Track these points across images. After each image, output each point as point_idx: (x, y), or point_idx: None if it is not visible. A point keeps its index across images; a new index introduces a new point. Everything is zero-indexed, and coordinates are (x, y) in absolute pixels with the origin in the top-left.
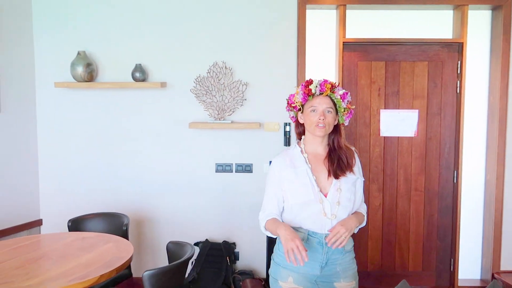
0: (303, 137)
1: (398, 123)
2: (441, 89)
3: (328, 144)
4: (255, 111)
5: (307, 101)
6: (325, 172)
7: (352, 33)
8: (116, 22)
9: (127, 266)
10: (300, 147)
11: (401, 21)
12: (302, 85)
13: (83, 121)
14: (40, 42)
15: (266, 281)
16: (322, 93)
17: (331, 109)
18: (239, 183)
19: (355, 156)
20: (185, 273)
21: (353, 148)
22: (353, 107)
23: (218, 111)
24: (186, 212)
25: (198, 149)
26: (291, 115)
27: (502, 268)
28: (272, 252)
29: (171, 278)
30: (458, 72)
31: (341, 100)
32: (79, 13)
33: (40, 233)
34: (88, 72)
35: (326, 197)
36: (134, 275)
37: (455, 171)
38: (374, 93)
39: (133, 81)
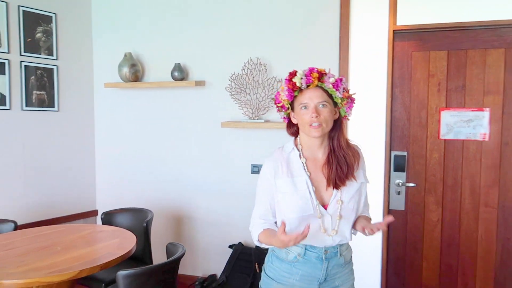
0: (298, 137)
1: (463, 124)
2: None
3: (329, 146)
4: None
5: (294, 97)
6: (324, 181)
7: (407, 20)
8: (159, 24)
9: (114, 264)
10: (298, 150)
11: (469, 0)
12: (285, 79)
13: (131, 119)
14: (97, 46)
15: None
16: (309, 85)
17: (325, 103)
18: None
19: (360, 155)
20: (170, 277)
21: (356, 144)
22: (354, 94)
23: (252, 110)
24: (221, 212)
25: (234, 149)
26: (282, 116)
27: None
28: None
29: (148, 281)
30: None
31: (335, 89)
32: (128, 17)
33: (96, 223)
34: (132, 72)
35: (326, 209)
36: None
37: None
38: (433, 89)
39: (172, 80)
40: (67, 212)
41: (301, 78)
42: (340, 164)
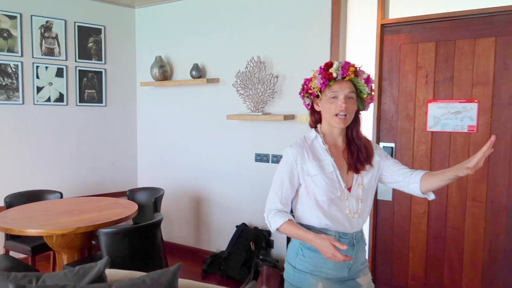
0: (319, 125)
1: (451, 116)
2: None
3: (347, 134)
4: (289, 104)
5: (326, 86)
6: (345, 166)
7: (396, 13)
8: (184, 31)
9: (107, 226)
10: (321, 137)
11: None
12: (320, 68)
13: (162, 113)
14: (139, 51)
15: None
16: (345, 77)
17: (353, 95)
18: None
19: (373, 148)
20: (148, 239)
21: (365, 136)
22: (373, 93)
23: (254, 104)
24: (231, 196)
25: (240, 140)
26: (307, 102)
27: None
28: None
29: (122, 239)
30: None
31: (365, 85)
32: (161, 27)
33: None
34: (161, 72)
35: (350, 191)
36: (171, 240)
37: None
38: (421, 81)
39: (191, 78)
40: (112, 189)
41: (338, 69)
42: (361, 151)
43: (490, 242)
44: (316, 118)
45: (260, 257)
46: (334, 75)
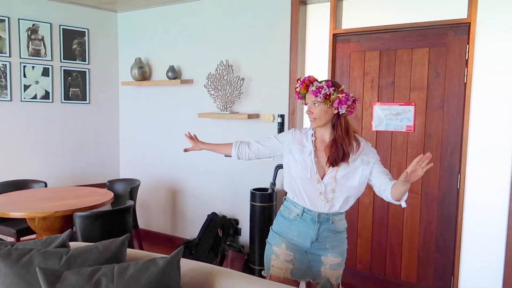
0: None
1: (392, 117)
2: (445, 78)
3: (333, 132)
4: (254, 104)
5: (301, 98)
6: (326, 158)
7: (350, 24)
8: (162, 35)
9: (82, 211)
10: (313, 130)
11: (403, 5)
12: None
13: (142, 111)
14: (121, 53)
15: (249, 257)
16: (301, 91)
17: (317, 102)
18: (243, 169)
19: (364, 147)
20: (118, 223)
21: (362, 140)
22: (343, 95)
23: (223, 103)
24: (203, 188)
25: (211, 136)
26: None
27: None
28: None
29: (94, 222)
30: (467, 58)
31: (314, 95)
32: (142, 31)
33: None
34: (140, 73)
35: (322, 180)
36: (150, 229)
37: (459, 175)
38: (367, 85)
39: (167, 79)
40: (94, 181)
41: (297, 87)
42: (338, 149)
43: (425, 229)
44: None
45: (227, 242)
46: (298, 89)
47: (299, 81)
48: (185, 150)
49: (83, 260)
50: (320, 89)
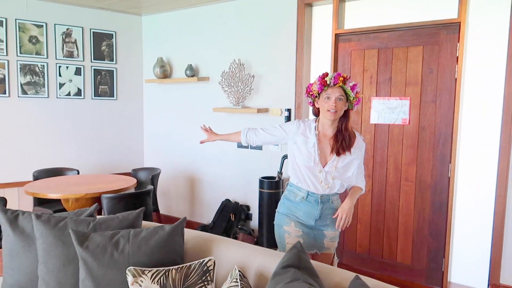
0: (319, 117)
1: (389, 111)
2: (437, 75)
3: (337, 127)
4: (263, 99)
5: (322, 90)
6: (329, 149)
7: (351, 24)
8: (182, 36)
9: (109, 194)
10: (316, 124)
11: (400, 7)
12: (319, 76)
13: (164, 106)
14: (145, 53)
15: (258, 239)
16: (336, 84)
17: (342, 97)
18: (253, 158)
19: (358, 141)
20: (139, 203)
21: (358, 134)
22: (361, 95)
23: (235, 99)
24: (219, 177)
25: (224, 129)
26: (309, 101)
27: (502, 281)
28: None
29: (119, 203)
30: (457, 55)
31: (351, 90)
32: (164, 32)
33: None
34: (161, 72)
35: (323, 167)
36: (170, 214)
37: (450, 165)
38: (366, 81)
39: (185, 77)
40: (121, 169)
41: (331, 78)
42: (345, 139)
43: (418, 214)
44: (315, 112)
45: (239, 226)
46: (328, 82)
47: (329, 75)
48: (201, 142)
49: (106, 226)
50: (355, 86)
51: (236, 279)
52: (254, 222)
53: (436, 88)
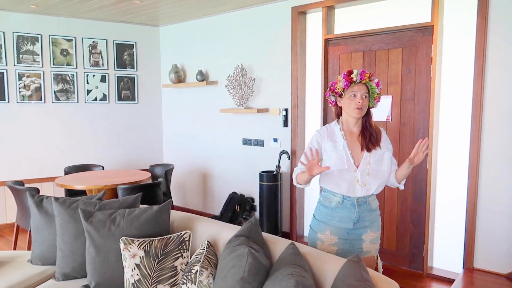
0: (340, 117)
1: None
2: (415, 74)
3: (362, 124)
4: (263, 100)
5: (348, 87)
6: (359, 147)
7: (340, 29)
8: (193, 43)
9: (124, 185)
10: (339, 125)
11: (383, 12)
12: (344, 74)
13: (180, 108)
14: (163, 61)
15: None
16: (362, 81)
17: (367, 95)
18: (256, 154)
19: (383, 135)
20: (151, 193)
21: (381, 129)
22: (381, 94)
23: (239, 100)
24: (227, 172)
25: (231, 128)
26: (331, 100)
27: (476, 265)
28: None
29: (133, 192)
30: (432, 56)
31: (376, 87)
32: (178, 42)
33: None
34: (176, 77)
35: (358, 167)
36: (186, 206)
37: (427, 157)
38: None
39: (196, 81)
40: (141, 166)
41: (357, 75)
42: (372, 135)
43: (402, 204)
44: (338, 112)
45: (243, 217)
46: (354, 79)
47: (354, 72)
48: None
49: (109, 207)
50: (379, 83)
51: (204, 247)
52: (258, 213)
53: (415, 86)
